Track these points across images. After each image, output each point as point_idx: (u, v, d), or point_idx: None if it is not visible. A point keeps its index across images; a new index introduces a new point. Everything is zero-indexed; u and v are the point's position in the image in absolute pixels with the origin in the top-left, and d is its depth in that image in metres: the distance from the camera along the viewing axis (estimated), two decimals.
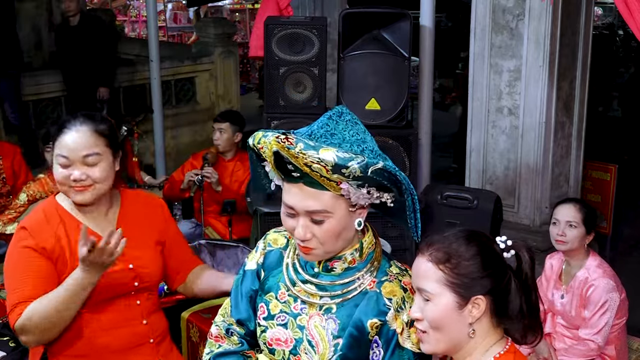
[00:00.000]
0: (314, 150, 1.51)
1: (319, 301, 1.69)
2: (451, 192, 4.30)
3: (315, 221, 1.61)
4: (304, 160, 1.52)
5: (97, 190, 2.18)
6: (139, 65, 7.34)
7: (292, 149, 1.51)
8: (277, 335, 1.72)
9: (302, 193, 1.59)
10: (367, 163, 1.53)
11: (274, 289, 1.76)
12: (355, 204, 1.61)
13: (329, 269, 1.69)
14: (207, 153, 4.47)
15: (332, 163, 1.51)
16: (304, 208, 1.60)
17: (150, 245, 2.33)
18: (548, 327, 3.43)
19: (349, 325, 1.65)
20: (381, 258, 1.73)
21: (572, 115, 4.60)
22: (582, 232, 3.16)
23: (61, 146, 2.15)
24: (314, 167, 1.52)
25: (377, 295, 1.66)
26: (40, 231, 2.17)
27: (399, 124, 3.96)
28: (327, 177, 1.54)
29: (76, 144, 2.14)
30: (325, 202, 1.59)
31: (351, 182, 1.56)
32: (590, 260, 3.21)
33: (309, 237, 1.62)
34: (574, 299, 3.21)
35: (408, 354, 1.65)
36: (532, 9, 4.26)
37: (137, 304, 2.27)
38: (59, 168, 2.16)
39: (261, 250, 1.85)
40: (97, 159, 2.16)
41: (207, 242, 3.88)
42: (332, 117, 1.61)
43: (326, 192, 1.58)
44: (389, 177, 1.57)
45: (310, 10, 6.49)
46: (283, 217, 1.66)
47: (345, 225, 1.63)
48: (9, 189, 4.74)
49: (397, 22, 3.91)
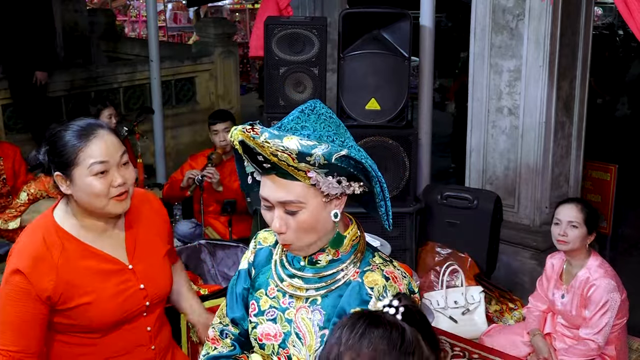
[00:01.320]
0: (278, 138, 1.54)
1: (305, 294, 1.71)
2: (451, 192, 4.31)
3: (289, 212, 1.62)
4: (270, 150, 1.54)
5: (130, 194, 2.02)
6: (139, 65, 7.34)
7: (257, 138, 1.54)
8: (267, 331, 1.74)
9: (275, 184, 1.61)
10: (330, 151, 1.54)
11: (264, 285, 1.79)
12: (328, 194, 1.62)
13: (314, 262, 1.71)
14: (213, 153, 4.43)
15: (295, 151, 1.53)
16: (276, 199, 1.62)
17: (160, 257, 2.21)
18: (548, 327, 3.43)
19: (334, 316, 1.67)
20: (365, 249, 1.74)
21: (572, 115, 4.60)
22: (584, 232, 3.17)
23: (94, 155, 1.93)
24: (281, 157, 1.54)
25: (359, 285, 1.67)
26: (37, 268, 1.95)
27: (399, 124, 3.97)
28: (294, 167, 1.56)
29: (113, 145, 1.97)
30: (297, 193, 1.60)
31: (318, 170, 1.57)
32: (591, 260, 3.21)
33: (284, 229, 1.63)
34: (574, 299, 3.21)
35: None
36: (532, 9, 4.26)
37: (147, 330, 2.14)
38: (93, 181, 1.94)
39: (252, 249, 1.88)
40: (127, 158, 2.00)
41: (207, 242, 3.89)
42: (304, 110, 1.64)
43: (298, 183, 1.60)
44: (356, 166, 1.58)
45: (310, 10, 6.49)
46: (262, 210, 1.69)
47: (320, 217, 1.64)
48: (9, 189, 4.74)
49: (397, 22, 3.92)
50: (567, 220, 3.18)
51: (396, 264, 1.74)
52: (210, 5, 13.79)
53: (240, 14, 14.38)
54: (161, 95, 6.02)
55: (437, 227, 4.27)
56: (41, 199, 4.22)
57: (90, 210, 2.00)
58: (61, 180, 1.97)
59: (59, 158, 1.95)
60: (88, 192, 1.95)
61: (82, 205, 1.99)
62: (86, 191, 1.95)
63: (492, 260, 4.25)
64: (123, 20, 14.04)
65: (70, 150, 1.93)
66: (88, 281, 2.00)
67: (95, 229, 2.04)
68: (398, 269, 1.71)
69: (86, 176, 1.93)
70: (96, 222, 2.03)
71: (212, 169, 4.34)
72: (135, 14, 14.48)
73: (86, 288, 1.99)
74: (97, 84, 7.06)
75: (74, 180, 1.95)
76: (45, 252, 1.97)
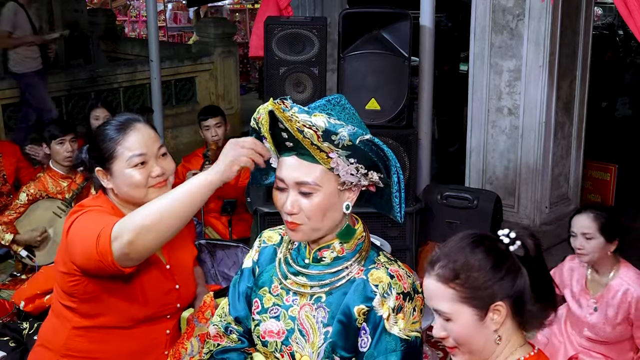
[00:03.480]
0: (307, 114, 1.58)
1: (309, 291, 1.72)
2: (451, 192, 4.30)
3: (303, 193, 1.64)
4: (297, 124, 1.57)
5: (169, 184, 2.05)
6: (139, 65, 7.34)
7: (287, 111, 1.58)
8: (270, 328, 1.75)
9: (294, 165, 1.64)
10: (356, 132, 1.59)
11: (267, 283, 1.79)
12: (344, 182, 1.65)
13: (319, 259, 1.72)
14: (208, 150, 4.43)
15: (322, 128, 1.56)
16: (293, 179, 1.64)
17: (191, 260, 2.24)
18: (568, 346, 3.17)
19: (338, 313, 1.68)
20: (369, 249, 1.75)
21: (572, 115, 4.60)
22: (601, 242, 2.94)
23: (132, 147, 1.99)
24: (306, 133, 1.57)
25: (364, 282, 1.68)
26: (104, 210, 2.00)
27: (399, 124, 3.96)
28: (317, 145, 1.59)
29: (150, 137, 2.03)
30: (315, 175, 1.63)
31: (340, 151, 1.59)
32: (623, 270, 2.99)
33: (296, 210, 1.65)
34: (609, 312, 2.97)
35: (395, 339, 1.65)
36: (532, 9, 4.26)
37: (166, 333, 2.16)
38: (133, 172, 1.99)
39: (256, 247, 1.89)
40: (165, 150, 2.05)
41: (207, 242, 3.88)
42: (330, 100, 1.67)
43: (317, 166, 1.63)
44: (377, 152, 1.62)
45: (310, 10, 6.49)
46: (274, 194, 1.70)
47: (333, 203, 1.66)
48: (10, 188, 4.74)
49: (397, 22, 3.91)
50: (580, 232, 2.96)
51: (400, 263, 1.74)
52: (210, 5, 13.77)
53: (240, 14, 14.37)
54: (161, 95, 6.00)
55: (437, 227, 4.27)
56: (41, 199, 4.22)
57: (131, 203, 2.03)
58: (102, 175, 2.04)
59: (99, 153, 2.03)
60: (128, 183, 2.00)
61: (122, 197, 2.05)
62: (126, 182, 2.00)
63: None
64: (123, 20, 14.03)
65: (109, 144, 2.01)
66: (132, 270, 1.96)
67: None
68: (402, 268, 1.72)
69: (125, 168, 1.99)
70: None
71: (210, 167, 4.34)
72: (135, 14, 14.48)
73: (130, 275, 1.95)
74: (97, 84, 7.06)
75: (114, 173, 2.01)
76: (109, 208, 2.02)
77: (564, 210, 4.63)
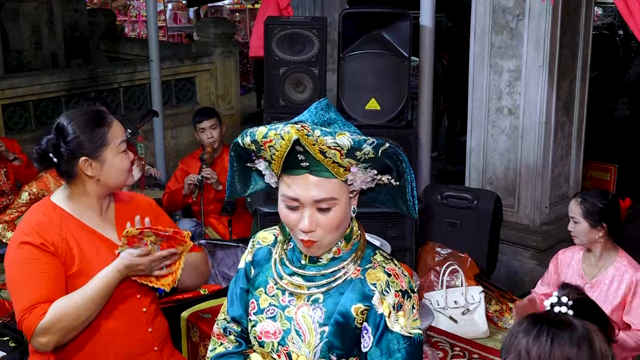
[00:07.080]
0: (331, 136, 1.53)
1: (306, 292, 1.71)
2: (451, 192, 4.31)
3: (321, 210, 1.61)
4: (321, 147, 1.53)
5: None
6: (139, 65, 7.34)
7: (311, 136, 1.53)
8: (267, 328, 1.75)
9: (308, 183, 1.60)
10: (377, 143, 1.56)
11: (263, 284, 1.79)
12: (354, 190, 1.64)
13: (315, 260, 1.72)
14: (204, 153, 4.39)
15: (348, 147, 1.53)
16: (311, 198, 1.60)
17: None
18: None
19: (335, 313, 1.67)
20: (365, 248, 1.74)
21: (572, 115, 4.60)
22: (586, 227, 3.02)
23: (118, 134, 2.18)
24: (329, 154, 1.54)
25: (361, 281, 1.68)
26: (45, 229, 2.09)
27: (399, 124, 3.96)
28: (338, 163, 1.56)
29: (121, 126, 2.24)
30: (331, 189, 1.60)
31: (360, 165, 1.58)
32: (619, 257, 3.05)
33: (314, 227, 1.62)
34: (605, 296, 3.00)
35: (397, 337, 1.65)
36: (532, 9, 4.26)
37: (143, 311, 2.23)
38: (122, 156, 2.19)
39: (250, 249, 1.88)
40: None
41: (207, 242, 3.88)
42: (323, 108, 1.64)
43: (332, 180, 1.60)
44: (394, 158, 1.60)
45: (310, 10, 6.49)
46: (284, 211, 1.65)
47: (347, 212, 1.66)
48: (11, 186, 4.74)
49: (397, 22, 3.91)
50: (570, 216, 3.08)
51: (396, 262, 1.74)
52: (210, 5, 13.80)
53: (240, 14, 14.40)
54: (161, 95, 6.01)
55: (437, 227, 4.27)
56: (42, 198, 4.22)
57: (111, 187, 2.19)
58: (87, 165, 2.11)
59: (91, 143, 2.11)
60: (119, 168, 2.16)
61: (106, 184, 2.16)
62: (117, 167, 2.15)
63: (492, 260, 4.25)
64: (123, 20, 14.06)
65: (101, 131, 2.12)
66: (85, 251, 2.12)
67: (92, 209, 2.19)
68: (399, 267, 1.72)
69: (116, 154, 2.14)
70: (94, 203, 2.19)
71: (209, 170, 4.31)
72: (135, 14, 14.50)
73: (82, 257, 2.10)
74: (97, 84, 7.06)
75: (105, 159, 2.12)
76: (46, 220, 2.13)
77: (564, 210, 4.62)
